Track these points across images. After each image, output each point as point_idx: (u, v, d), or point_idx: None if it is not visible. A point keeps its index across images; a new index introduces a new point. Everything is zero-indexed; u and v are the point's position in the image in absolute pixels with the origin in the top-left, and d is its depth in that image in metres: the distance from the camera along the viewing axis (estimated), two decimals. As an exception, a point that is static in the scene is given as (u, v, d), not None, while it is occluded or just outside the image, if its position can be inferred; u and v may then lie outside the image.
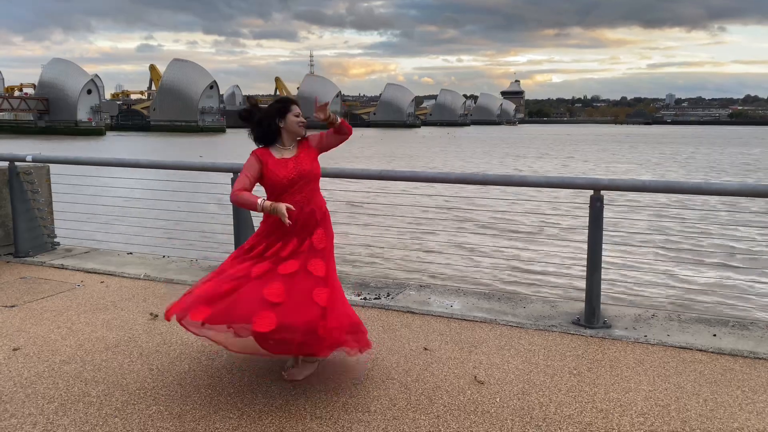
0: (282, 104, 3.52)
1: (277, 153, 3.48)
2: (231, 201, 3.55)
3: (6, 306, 4.79)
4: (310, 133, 3.69)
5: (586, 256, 4.45)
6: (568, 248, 11.10)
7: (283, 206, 3.26)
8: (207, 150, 54.32)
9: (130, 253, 6.52)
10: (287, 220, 3.24)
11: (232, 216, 5.48)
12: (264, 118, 3.48)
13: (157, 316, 4.52)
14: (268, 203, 3.32)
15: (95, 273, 5.76)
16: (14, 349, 3.92)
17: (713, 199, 16.57)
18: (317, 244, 3.45)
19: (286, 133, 3.49)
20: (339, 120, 3.50)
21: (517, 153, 54.03)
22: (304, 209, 3.45)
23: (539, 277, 9.97)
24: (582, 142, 76.47)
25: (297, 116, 3.49)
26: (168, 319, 3.30)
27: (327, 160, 3.79)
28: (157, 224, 6.81)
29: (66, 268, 5.91)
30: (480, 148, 61.00)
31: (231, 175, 5.40)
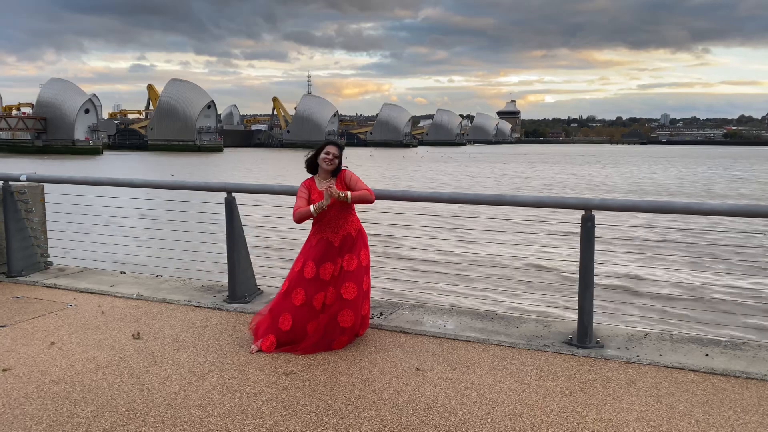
0: (322, 145, 4.42)
1: (319, 184, 4.37)
2: (293, 220, 4.32)
3: (-3, 326, 4.76)
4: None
5: (578, 275, 4.46)
6: (561, 267, 11.11)
7: (326, 199, 4.16)
8: (205, 169, 54.35)
9: (123, 273, 6.51)
10: (328, 200, 4.15)
11: (225, 235, 5.48)
12: (311, 154, 4.42)
13: (139, 334, 4.49)
14: (316, 205, 4.22)
15: (88, 293, 5.74)
16: (4, 370, 3.89)
17: (704, 219, 16.64)
18: (348, 267, 4.28)
19: (321, 168, 4.36)
20: (349, 198, 4.25)
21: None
22: (340, 231, 4.31)
23: (532, 296, 9.95)
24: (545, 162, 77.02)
25: (327, 154, 4.33)
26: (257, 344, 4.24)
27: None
28: (150, 243, 6.81)
29: (58, 288, 5.89)
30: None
31: (224, 194, 5.42)
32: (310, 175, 4.49)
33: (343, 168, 4.45)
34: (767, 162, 79.09)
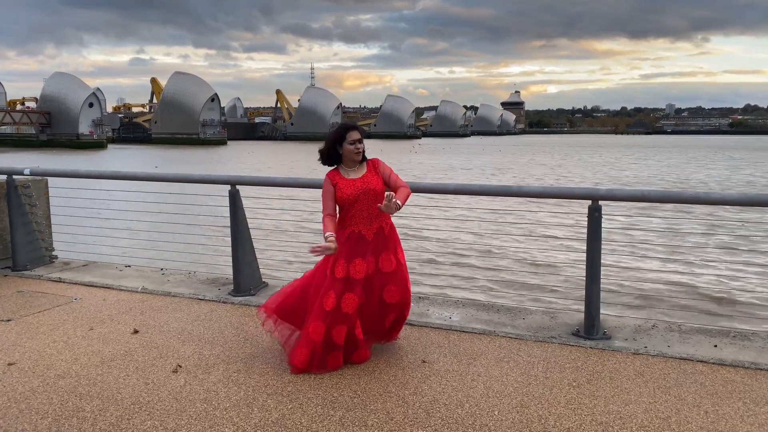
0: (340, 131, 3.86)
1: (345, 174, 3.87)
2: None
3: (2, 320, 4.76)
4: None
5: (585, 266, 4.42)
6: (567, 258, 11.07)
7: (330, 248, 3.68)
8: (208, 162, 54.38)
9: (128, 266, 6.50)
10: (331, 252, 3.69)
11: (229, 228, 5.46)
12: (326, 143, 3.87)
13: (137, 331, 4.49)
14: (327, 243, 3.68)
15: (93, 286, 5.74)
16: (9, 364, 3.89)
17: (713, 209, 16.54)
18: (386, 268, 3.87)
19: (345, 158, 3.86)
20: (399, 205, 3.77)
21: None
22: (374, 224, 3.85)
23: (539, 288, 9.92)
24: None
25: (352, 144, 3.81)
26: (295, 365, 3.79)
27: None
28: (154, 237, 6.79)
29: (63, 282, 5.89)
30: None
31: (228, 187, 5.39)
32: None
33: (373, 158, 3.98)
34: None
